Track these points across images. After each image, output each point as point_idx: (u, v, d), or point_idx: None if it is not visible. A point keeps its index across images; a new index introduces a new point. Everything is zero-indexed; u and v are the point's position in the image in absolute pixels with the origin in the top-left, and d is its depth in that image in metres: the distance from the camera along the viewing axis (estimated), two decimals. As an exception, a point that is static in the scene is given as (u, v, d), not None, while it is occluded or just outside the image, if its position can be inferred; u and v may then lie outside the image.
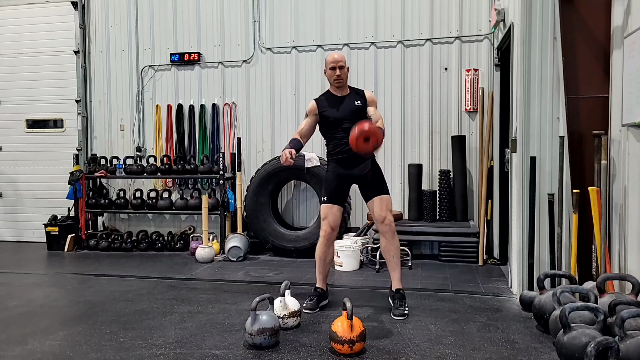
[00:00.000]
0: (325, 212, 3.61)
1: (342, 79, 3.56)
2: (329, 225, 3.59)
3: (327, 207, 3.61)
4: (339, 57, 3.56)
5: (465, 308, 3.62)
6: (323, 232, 3.62)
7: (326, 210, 3.61)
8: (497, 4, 4.87)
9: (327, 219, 3.60)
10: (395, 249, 3.57)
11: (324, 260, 3.68)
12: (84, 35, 6.54)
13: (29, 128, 6.74)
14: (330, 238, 3.63)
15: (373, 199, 3.55)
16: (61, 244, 6.06)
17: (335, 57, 3.55)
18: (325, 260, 3.68)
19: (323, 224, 3.62)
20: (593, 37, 3.53)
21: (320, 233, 3.65)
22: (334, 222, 3.60)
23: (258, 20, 6.03)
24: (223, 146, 6.16)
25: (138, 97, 6.40)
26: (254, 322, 2.86)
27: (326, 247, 3.64)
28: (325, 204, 3.62)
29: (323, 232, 3.62)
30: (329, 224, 3.59)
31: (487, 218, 5.07)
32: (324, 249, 3.64)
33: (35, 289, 4.31)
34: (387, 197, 3.58)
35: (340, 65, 3.53)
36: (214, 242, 5.61)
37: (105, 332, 3.20)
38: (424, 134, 5.64)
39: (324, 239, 3.62)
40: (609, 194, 3.35)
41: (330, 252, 3.72)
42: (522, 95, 3.68)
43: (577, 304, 2.58)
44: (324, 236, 3.62)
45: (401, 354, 2.80)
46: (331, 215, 3.59)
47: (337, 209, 3.62)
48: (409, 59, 5.66)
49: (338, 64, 3.52)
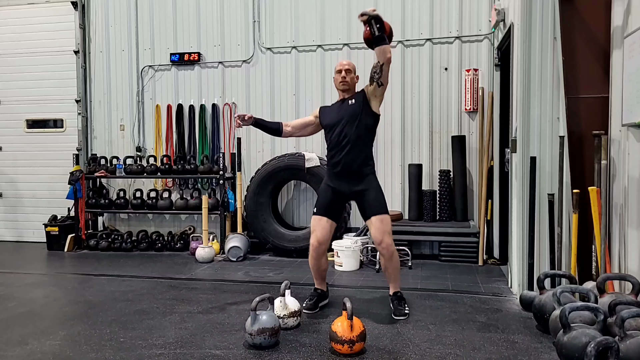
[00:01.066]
0: (314, 224, 3.51)
1: (347, 82, 3.49)
2: (317, 239, 3.47)
3: (316, 219, 3.51)
4: (347, 62, 3.57)
5: (465, 308, 3.62)
6: (311, 245, 3.51)
7: (315, 222, 3.51)
8: (497, 4, 4.87)
9: (315, 232, 3.49)
10: (394, 269, 3.47)
11: (317, 270, 3.61)
12: (84, 35, 6.54)
13: (29, 128, 6.74)
14: (318, 252, 3.50)
15: (371, 219, 3.39)
16: (61, 244, 6.07)
17: (343, 62, 3.56)
18: (320, 269, 3.61)
19: (311, 236, 3.51)
20: (593, 37, 3.53)
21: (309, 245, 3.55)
22: (322, 236, 3.47)
23: (258, 20, 6.03)
24: (223, 146, 6.17)
25: (138, 97, 6.40)
26: (254, 322, 2.86)
27: (316, 260, 3.54)
28: (315, 215, 3.52)
29: (311, 245, 3.51)
30: (317, 238, 3.47)
31: (487, 218, 5.07)
32: (314, 262, 3.55)
33: (35, 289, 4.31)
34: (386, 217, 3.40)
35: (346, 68, 3.50)
36: (214, 242, 5.61)
37: (105, 332, 3.20)
38: (424, 134, 5.64)
39: (313, 252, 3.51)
40: (609, 194, 3.35)
41: (323, 262, 3.60)
42: (522, 95, 3.68)
43: (577, 304, 2.58)
44: (312, 250, 3.51)
45: (401, 354, 2.80)
46: (319, 228, 3.48)
47: (327, 221, 3.48)
48: (409, 59, 5.66)
49: (344, 67, 3.50)
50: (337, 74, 3.53)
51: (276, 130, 3.65)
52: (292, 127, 3.68)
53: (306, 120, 3.71)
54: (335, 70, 3.56)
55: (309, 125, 3.69)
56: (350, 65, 3.53)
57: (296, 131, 3.70)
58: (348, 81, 3.50)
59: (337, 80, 3.53)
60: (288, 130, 3.67)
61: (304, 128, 3.71)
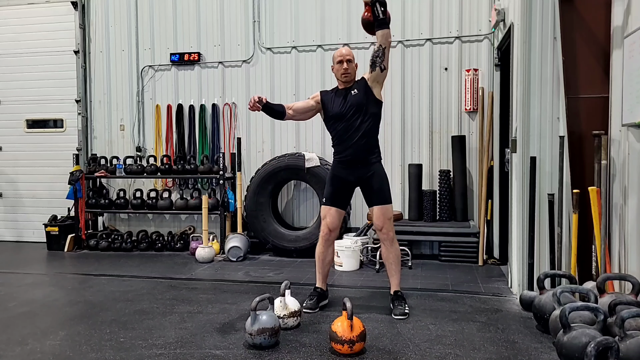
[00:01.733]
0: (324, 212, 3.62)
1: (350, 72, 3.48)
2: (327, 226, 3.59)
3: (325, 209, 3.62)
4: (347, 51, 3.53)
5: (465, 308, 3.62)
6: (321, 232, 3.64)
7: (325, 211, 3.62)
8: (497, 4, 4.87)
9: (326, 219, 3.60)
10: (394, 256, 3.55)
11: (323, 261, 3.68)
12: (84, 35, 6.54)
13: (29, 128, 6.74)
14: (328, 239, 3.62)
15: (374, 207, 3.51)
16: (61, 244, 6.06)
17: (343, 52, 3.51)
18: (325, 260, 3.68)
19: (322, 223, 3.64)
20: (593, 37, 3.53)
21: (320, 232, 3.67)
22: (332, 223, 3.59)
23: (258, 20, 6.03)
24: (223, 146, 6.16)
25: (138, 97, 6.40)
26: (254, 322, 2.86)
27: (325, 247, 3.64)
28: (324, 205, 3.63)
29: (321, 232, 3.64)
30: (327, 225, 3.59)
31: (487, 218, 5.07)
32: (323, 249, 3.65)
33: (35, 289, 4.31)
34: (389, 206, 3.51)
35: (347, 58, 3.47)
36: (214, 242, 5.61)
37: (105, 332, 3.20)
38: (424, 134, 5.64)
39: (322, 240, 3.63)
40: (609, 194, 3.35)
41: (330, 252, 3.71)
42: (522, 95, 3.68)
43: (577, 304, 2.58)
44: (322, 236, 3.63)
45: (401, 354, 2.80)
46: (329, 216, 3.59)
47: (336, 210, 3.59)
48: (409, 59, 5.66)
49: (345, 57, 3.47)
50: (339, 64, 3.50)
51: (281, 114, 3.63)
52: (294, 111, 3.66)
53: (308, 104, 3.67)
54: (336, 61, 3.52)
55: (310, 110, 3.67)
56: (350, 54, 3.51)
57: (297, 115, 3.69)
58: (350, 72, 3.49)
59: (339, 71, 3.50)
60: (290, 113, 3.65)
61: (305, 112, 3.69)
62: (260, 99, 3.47)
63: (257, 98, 3.45)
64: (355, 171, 3.51)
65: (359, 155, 3.47)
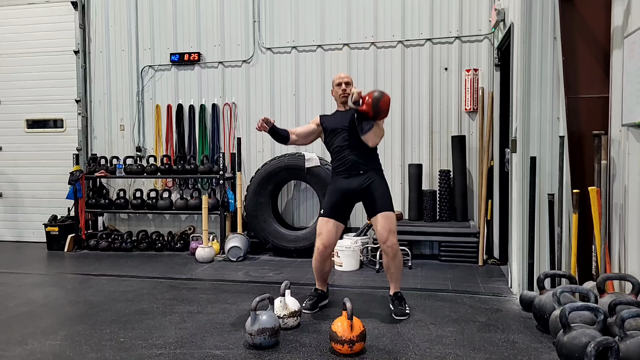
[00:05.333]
0: (320, 226, 3.51)
1: (347, 95, 3.52)
2: (322, 243, 3.47)
3: (323, 222, 3.51)
4: (345, 75, 3.64)
5: (465, 308, 3.62)
6: (316, 247, 3.52)
7: (321, 224, 3.51)
8: (497, 4, 4.87)
9: (321, 235, 3.49)
10: (396, 267, 3.48)
11: (320, 272, 3.63)
12: (84, 35, 6.54)
13: (29, 128, 6.74)
14: (323, 255, 3.51)
15: (377, 216, 3.42)
16: (61, 244, 6.07)
17: (342, 75, 3.63)
18: (323, 270, 3.63)
19: (317, 240, 3.51)
20: (593, 37, 3.53)
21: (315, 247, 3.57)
22: (328, 240, 3.47)
23: (258, 20, 6.03)
24: (223, 146, 6.16)
25: (138, 97, 6.40)
26: (254, 322, 2.86)
27: (320, 262, 3.57)
28: (322, 217, 3.53)
29: (316, 248, 3.52)
30: (322, 242, 3.47)
31: (487, 218, 5.07)
32: (318, 264, 3.58)
33: (35, 289, 4.31)
34: (391, 215, 3.43)
35: (346, 81, 3.58)
36: (214, 242, 5.61)
37: (105, 332, 3.20)
38: (424, 134, 5.64)
39: (318, 256, 3.53)
40: (609, 194, 3.35)
41: (327, 265, 3.61)
42: (522, 95, 3.68)
43: (577, 304, 2.58)
44: (317, 253, 3.52)
45: (401, 354, 2.80)
46: (326, 231, 3.48)
47: (333, 224, 3.49)
48: (409, 59, 5.66)
49: (344, 80, 3.58)
50: (337, 87, 3.60)
51: (285, 138, 3.65)
52: (297, 135, 3.69)
53: (309, 129, 3.71)
54: (335, 84, 3.63)
55: (312, 134, 3.71)
56: (349, 78, 3.63)
57: (300, 139, 3.71)
58: (349, 94, 3.52)
59: (338, 93, 3.60)
60: (293, 138, 3.68)
61: (307, 137, 3.72)
62: (267, 120, 3.46)
63: (265, 119, 3.46)
64: (356, 180, 3.47)
65: (358, 165, 3.46)
